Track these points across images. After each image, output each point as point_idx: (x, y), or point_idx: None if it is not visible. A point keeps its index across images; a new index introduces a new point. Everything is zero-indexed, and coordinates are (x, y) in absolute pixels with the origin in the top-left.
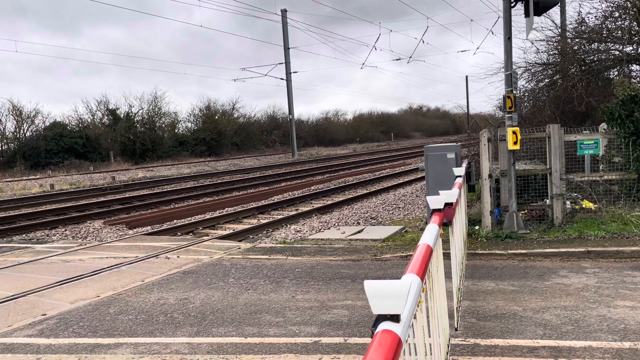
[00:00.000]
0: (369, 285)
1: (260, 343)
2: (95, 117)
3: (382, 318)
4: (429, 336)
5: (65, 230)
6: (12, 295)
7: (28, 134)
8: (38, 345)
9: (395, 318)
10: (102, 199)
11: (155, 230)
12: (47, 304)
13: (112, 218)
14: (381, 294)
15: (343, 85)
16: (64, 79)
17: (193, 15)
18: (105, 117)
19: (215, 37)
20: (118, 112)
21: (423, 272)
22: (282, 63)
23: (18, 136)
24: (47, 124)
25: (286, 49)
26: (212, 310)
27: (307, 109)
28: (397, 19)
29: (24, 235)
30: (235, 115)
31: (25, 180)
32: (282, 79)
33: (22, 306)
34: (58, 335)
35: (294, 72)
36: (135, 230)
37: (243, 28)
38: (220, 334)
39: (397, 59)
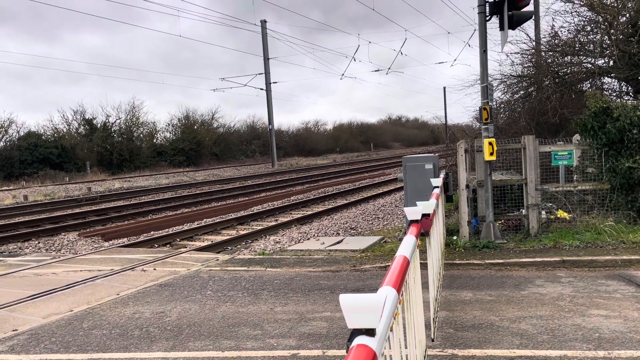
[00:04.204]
0: (344, 299)
1: (237, 357)
2: (71, 126)
3: (357, 332)
4: (406, 347)
5: (39, 242)
6: None
7: (1, 144)
8: None
9: (370, 332)
10: (78, 210)
11: (131, 242)
12: (19, 319)
13: (88, 230)
14: (356, 307)
15: (325, 95)
16: (41, 87)
17: (177, 24)
18: (82, 127)
19: (198, 46)
20: (95, 121)
21: (399, 284)
22: (261, 73)
23: None
24: (22, 133)
25: (266, 59)
26: (188, 324)
27: (289, 119)
28: (380, 29)
29: None
30: (215, 125)
31: None
32: (261, 89)
33: None
34: (29, 351)
35: (273, 83)
36: (111, 242)
37: (226, 37)
38: (197, 348)
39: (376, 70)
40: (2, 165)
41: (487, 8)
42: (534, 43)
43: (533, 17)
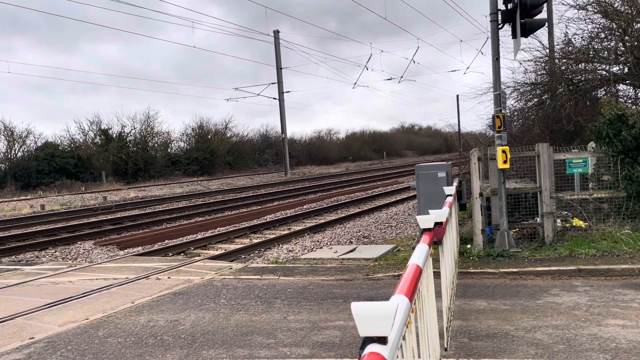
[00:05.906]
0: (356, 307)
1: None
2: (88, 137)
3: (369, 340)
4: (419, 357)
5: (55, 251)
6: (0, 318)
7: (19, 154)
8: None
9: (382, 340)
10: (93, 219)
11: (146, 250)
12: (36, 327)
13: (103, 239)
14: (368, 315)
15: (338, 104)
16: (59, 98)
17: (192, 34)
18: (98, 137)
19: (213, 56)
20: (110, 132)
21: (412, 293)
22: (274, 83)
23: (9, 156)
24: (39, 144)
25: (279, 69)
26: (202, 332)
27: (302, 128)
28: (393, 38)
29: (13, 257)
30: (228, 135)
31: (15, 201)
32: (275, 98)
33: (10, 329)
34: (45, 359)
35: (287, 92)
36: (126, 250)
37: (240, 48)
38: (211, 356)
39: (389, 79)
40: (19, 175)
41: (500, 16)
42: (547, 50)
43: (546, 25)
